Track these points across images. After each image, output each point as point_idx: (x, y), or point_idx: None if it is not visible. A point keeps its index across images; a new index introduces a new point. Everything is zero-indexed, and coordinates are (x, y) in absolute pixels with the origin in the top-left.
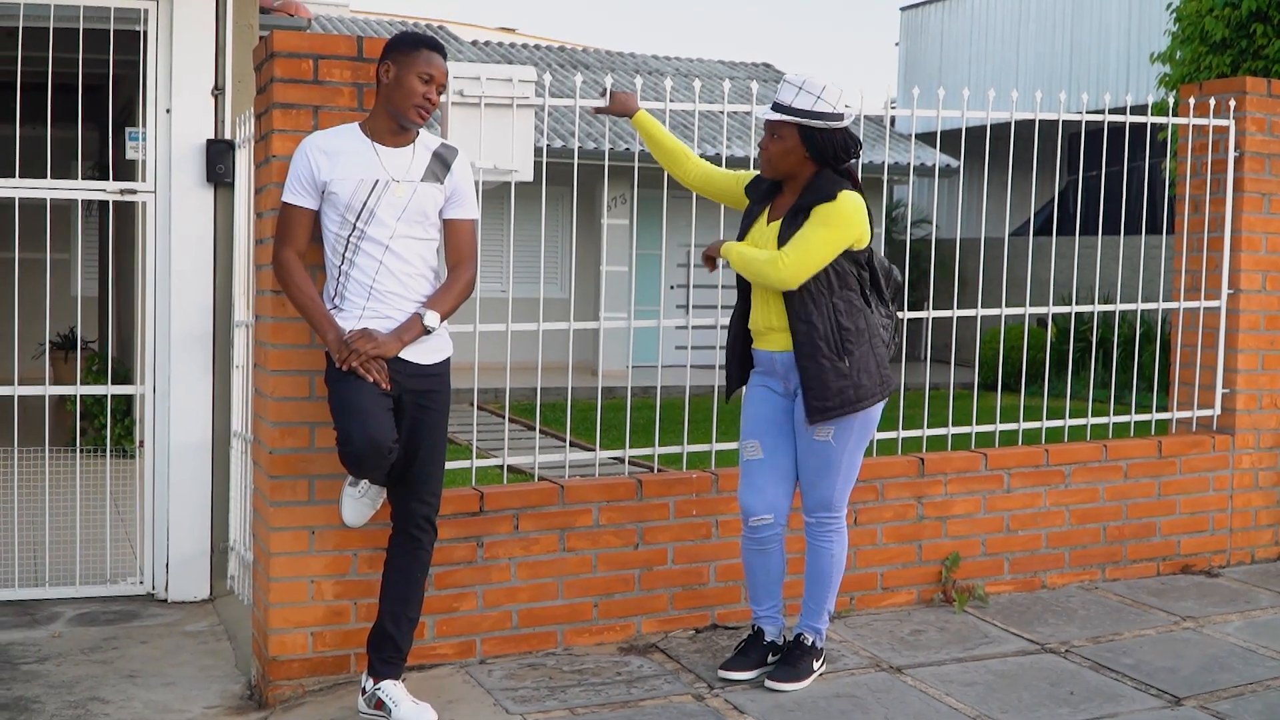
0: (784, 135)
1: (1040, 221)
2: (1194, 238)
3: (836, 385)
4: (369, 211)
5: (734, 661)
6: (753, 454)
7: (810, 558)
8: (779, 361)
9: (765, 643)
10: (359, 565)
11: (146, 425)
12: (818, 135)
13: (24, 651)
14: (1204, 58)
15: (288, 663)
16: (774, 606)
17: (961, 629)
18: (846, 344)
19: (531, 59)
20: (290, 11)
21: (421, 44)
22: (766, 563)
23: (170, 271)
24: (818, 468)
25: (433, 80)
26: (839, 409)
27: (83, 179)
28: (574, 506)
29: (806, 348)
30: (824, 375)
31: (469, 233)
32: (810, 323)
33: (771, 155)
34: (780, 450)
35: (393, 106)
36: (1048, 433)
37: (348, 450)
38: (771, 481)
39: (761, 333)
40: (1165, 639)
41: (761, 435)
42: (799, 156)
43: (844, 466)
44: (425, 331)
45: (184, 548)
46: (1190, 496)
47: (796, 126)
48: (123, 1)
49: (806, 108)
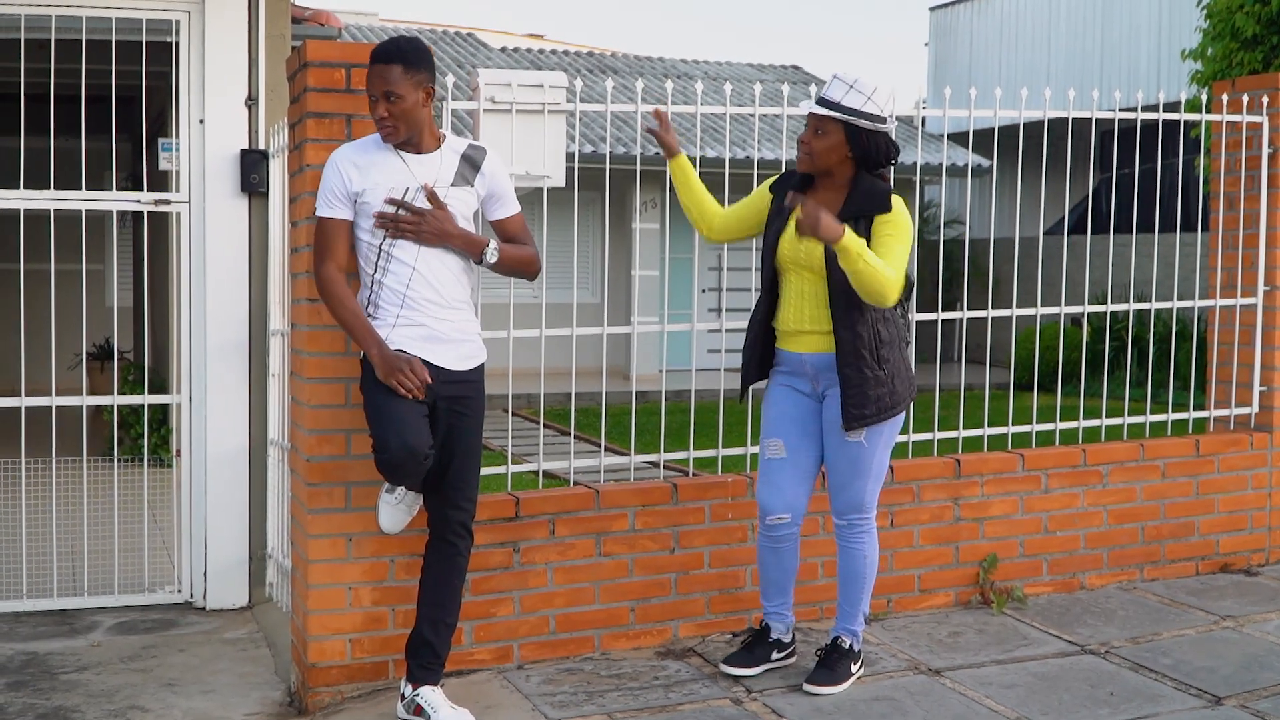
0: (829, 131)
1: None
2: (1229, 235)
3: (875, 393)
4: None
5: (738, 657)
6: (775, 453)
7: (842, 560)
8: (809, 363)
9: (771, 640)
10: (396, 571)
11: (183, 434)
12: (864, 136)
13: (63, 661)
14: (1235, 54)
15: (327, 669)
16: (783, 603)
17: (1000, 631)
18: (881, 351)
19: (560, 64)
20: (321, 21)
21: (372, 60)
22: (780, 561)
23: (205, 281)
24: (849, 469)
25: (382, 97)
26: (876, 416)
27: (117, 190)
28: (610, 511)
29: (850, 355)
30: (865, 384)
31: (520, 225)
32: (855, 331)
33: (814, 150)
34: (804, 450)
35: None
36: (1084, 433)
37: (383, 457)
38: (792, 481)
39: (792, 334)
40: (1205, 638)
41: (785, 434)
42: (841, 155)
43: (875, 467)
44: (481, 254)
45: (222, 556)
46: (1228, 495)
47: (843, 124)
48: (155, 13)
49: (856, 107)
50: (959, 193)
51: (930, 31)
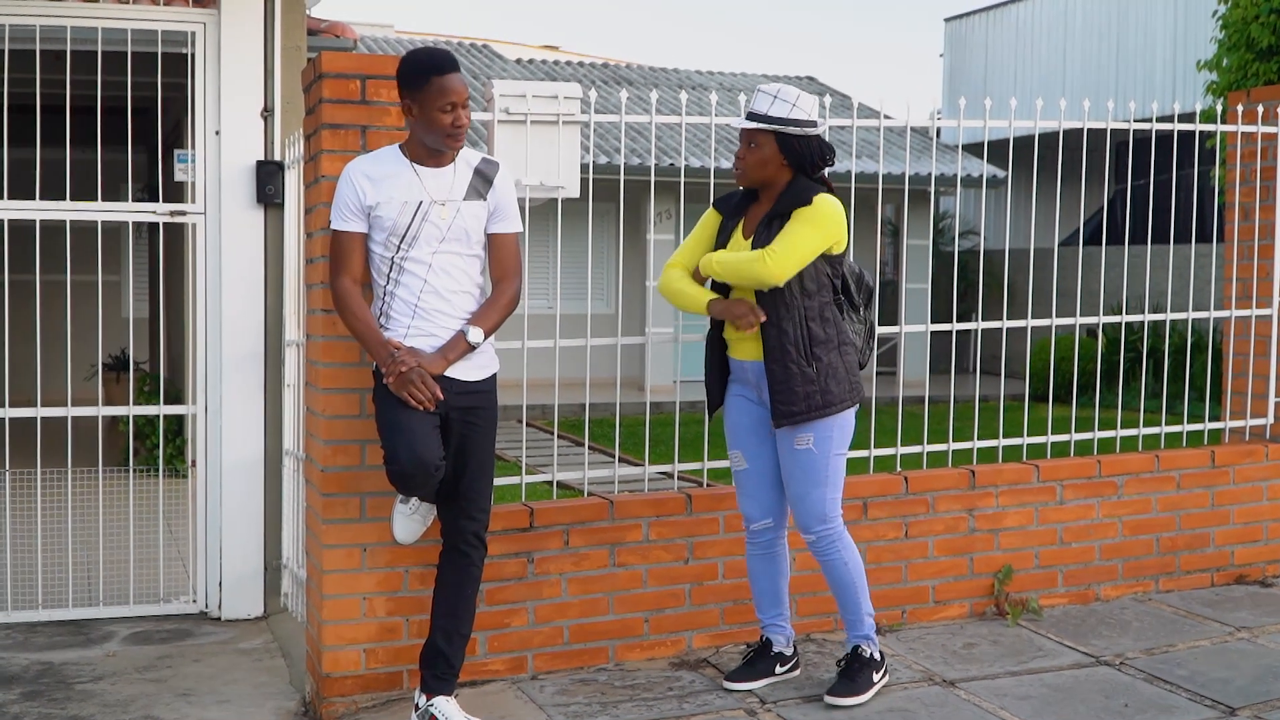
0: (761, 143)
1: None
2: (1244, 245)
3: (803, 390)
4: (412, 234)
5: (740, 672)
6: (739, 464)
7: (827, 574)
8: (750, 370)
9: (773, 653)
10: (410, 582)
11: (198, 445)
12: (795, 141)
13: (79, 671)
14: (1251, 65)
15: (341, 679)
16: (779, 614)
17: (1015, 642)
18: (815, 350)
19: (575, 75)
20: (337, 33)
21: (430, 72)
22: (771, 568)
23: (221, 292)
24: (803, 479)
25: (454, 106)
26: (805, 414)
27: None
28: (624, 521)
29: (775, 352)
30: (791, 380)
31: (513, 246)
32: (780, 328)
33: (749, 164)
34: (763, 457)
35: (425, 138)
36: (1100, 444)
37: (395, 469)
38: (763, 487)
39: (734, 341)
40: (1219, 650)
41: (744, 445)
42: (776, 164)
43: (830, 474)
44: (470, 348)
45: (237, 566)
46: (1244, 506)
47: (773, 134)
48: (171, 25)
49: (783, 115)
50: (974, 204)
51: (945, 42)
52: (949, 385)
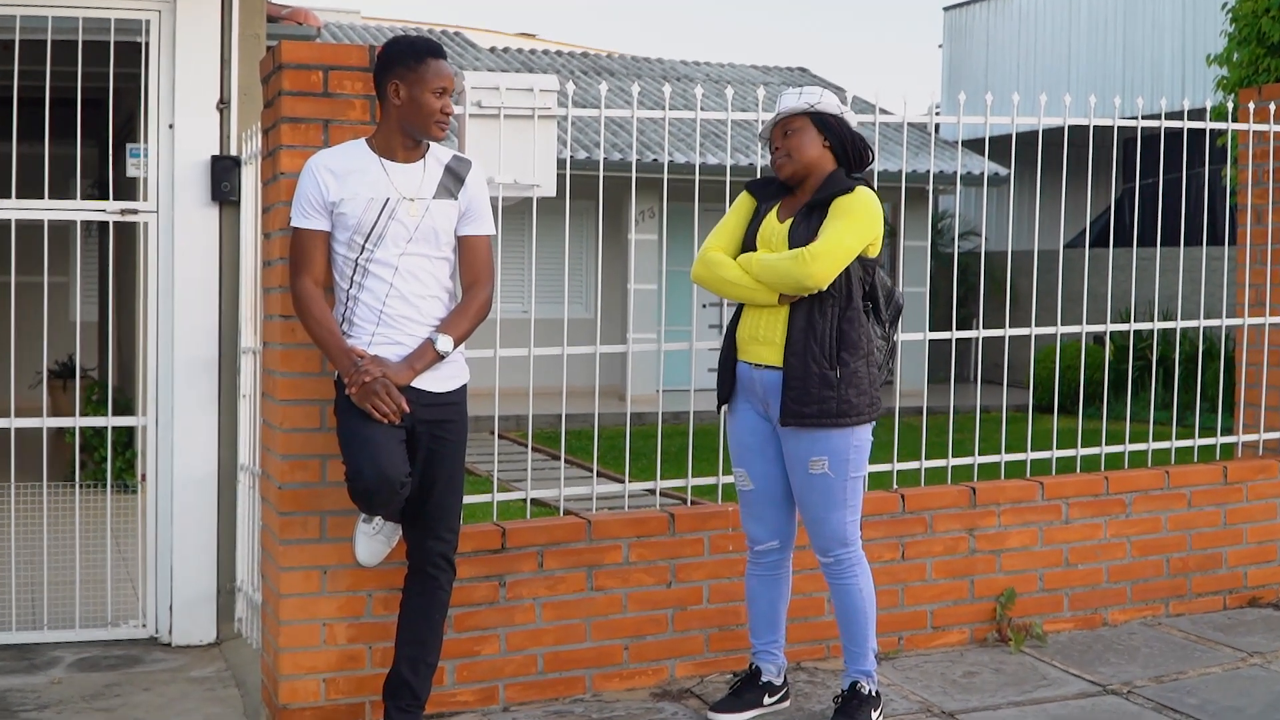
0: (799, 127)
1: (1096, 232)
2: (1257, 249)
3: (820, 393)
4: (378, 232)
5: (726, 703)
6: (744, 484)
7: (837, 598)
8: (759, 380)
9: (762, 682)
10: (374, 607)
11: (149, 458)
12: (832, 121)
13: (23, 699)
14: (1262, 60)
15: (299, 711)
16: (773, 641)
17: (1018, 670)
18: (843, 354)
19: (553, 66)
20: (299, 20)
21: (425, 54)
22: (773, 591)
23: (173, 295)
24: (821, 504)
25: (446, 91)
26: (816, 418)
27: (82, 198)
28: (602, 542)
29: (798, 345)
30: (809, 379)
31: (485, 250)
32: (811, 319)
33: (792, 145)
34: (770, 476)
35: (410, 125)
36: (1107, 459)
37: (357, 486)
38: (770, 508)
39: (745, 342)
40: (1231, 676)
41: (749, 465)
42: (818, 146)
43: (849, 496)
44: (439, 357)
45: (189, 589)
46: (1258, 525)
47: (809, 116)
48: (123, 12)
49: (813, 102)
50: (975, 203)
51: (944, 33)
52: (948, 396)
